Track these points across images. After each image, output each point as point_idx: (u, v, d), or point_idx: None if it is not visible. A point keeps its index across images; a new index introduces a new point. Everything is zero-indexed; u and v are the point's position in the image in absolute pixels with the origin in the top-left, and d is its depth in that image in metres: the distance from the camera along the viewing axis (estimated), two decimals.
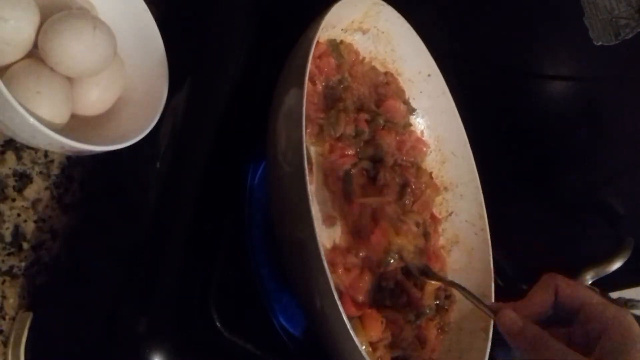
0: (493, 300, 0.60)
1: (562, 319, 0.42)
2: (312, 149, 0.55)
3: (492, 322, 0.56)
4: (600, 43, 0.60)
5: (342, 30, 0.60)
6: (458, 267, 0.64)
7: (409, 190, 0.60)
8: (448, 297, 0.61)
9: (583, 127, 0.66)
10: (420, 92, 0.67)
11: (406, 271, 0.55)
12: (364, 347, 0.43)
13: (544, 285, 0.43)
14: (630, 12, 0.59)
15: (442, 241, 0.66)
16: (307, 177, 0.42)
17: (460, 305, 0.61)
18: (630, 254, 0.65)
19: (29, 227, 0.49)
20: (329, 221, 0.53)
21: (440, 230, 0.66)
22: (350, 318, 0.43)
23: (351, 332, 0.41)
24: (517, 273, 0.74)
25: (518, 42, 0.65)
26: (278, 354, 0.53)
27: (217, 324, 0.50)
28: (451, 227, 0.66)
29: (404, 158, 0.62)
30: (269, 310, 0.52)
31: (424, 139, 0.68)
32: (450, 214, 0.67)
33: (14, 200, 0.47)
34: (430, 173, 0.66)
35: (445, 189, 0.67)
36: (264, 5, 0.62)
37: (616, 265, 0.65)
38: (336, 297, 0.41)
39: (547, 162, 0.69)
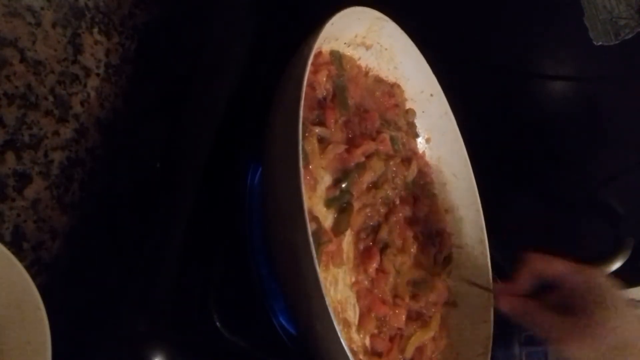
0: (492, 327, 0.60)
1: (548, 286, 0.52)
2: None
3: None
4: (600, 43, 0.60)
5: (345, 44, 0.59)
6: (457, 291, 0.63)
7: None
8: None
9: (583, 127, 0.66)
10: (423, 112, 0.67)
11: None
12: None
13: (526, 267, 0.52)
14: (630, 12, 0.59)
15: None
16: (302, 180, 0.42)
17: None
18: (630, 254, 0.65)
19: (29, 227, 0.49)
20: None
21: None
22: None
23: (340, 336, 0.41)
24: None
25: (518, 42, 0.65)
26: (278, 354, 0.53)
27: (217, 324, 0.50)
28: None
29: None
30: (269, 310, 0.52)
31: (426, 159, 0.67)
32: (449, 237, 0.66)
33: (13, 200, 0.47)
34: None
35: (446, 211, 0.66)
36: (266, 8, 0.62)
37: (616, 265, 0.65)
38: (327, 301, 0.40)
39: (547, 162, 0.69)
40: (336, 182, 0.52)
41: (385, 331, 0.53)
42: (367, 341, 0.52)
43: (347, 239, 0.53)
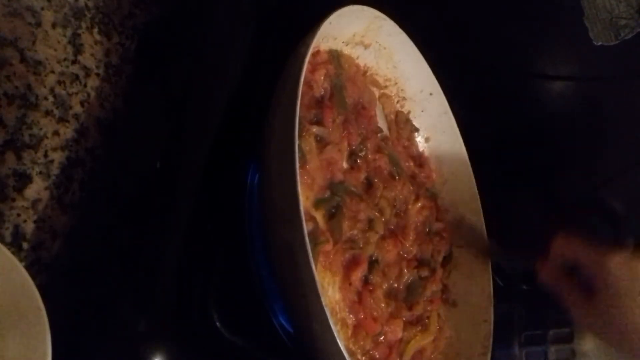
0: (492, 326, 0.60)
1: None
2: None
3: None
4: (600, 43, 0.61)
5: (343, 42, 0.59)
6: (457, 291, 0.63)
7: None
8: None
9: (583, 127, 0.66)
10: (422, 111, 0.67)
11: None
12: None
13: (553, 249, 0.55)
14: (630, 12, 0.59)
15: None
16: (299, 179, 0.42)
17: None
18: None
19: (29, 227, 0.49)
20: None
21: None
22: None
23: (336, 337, 0.41)
24: (516, 273, 0.74)
25: (518, 42, 0.65)
26: (278, 354, 0.53)
27: (217, 324, 0.50)
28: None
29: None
30: (269, 310, 0.52)
31: (425, 157, 0.67)
32: (449, 236, 0.66)
33: (13, 200, 0.47)
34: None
35: (446, 210, 0.66)
36: (266, 7, 0.62)
37: None
38: (323, 300, 0.40)
39: (547, 162, 0.69)
40: (329, 185, 0.52)
41: (383, 342, 0.52)
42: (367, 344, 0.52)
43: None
